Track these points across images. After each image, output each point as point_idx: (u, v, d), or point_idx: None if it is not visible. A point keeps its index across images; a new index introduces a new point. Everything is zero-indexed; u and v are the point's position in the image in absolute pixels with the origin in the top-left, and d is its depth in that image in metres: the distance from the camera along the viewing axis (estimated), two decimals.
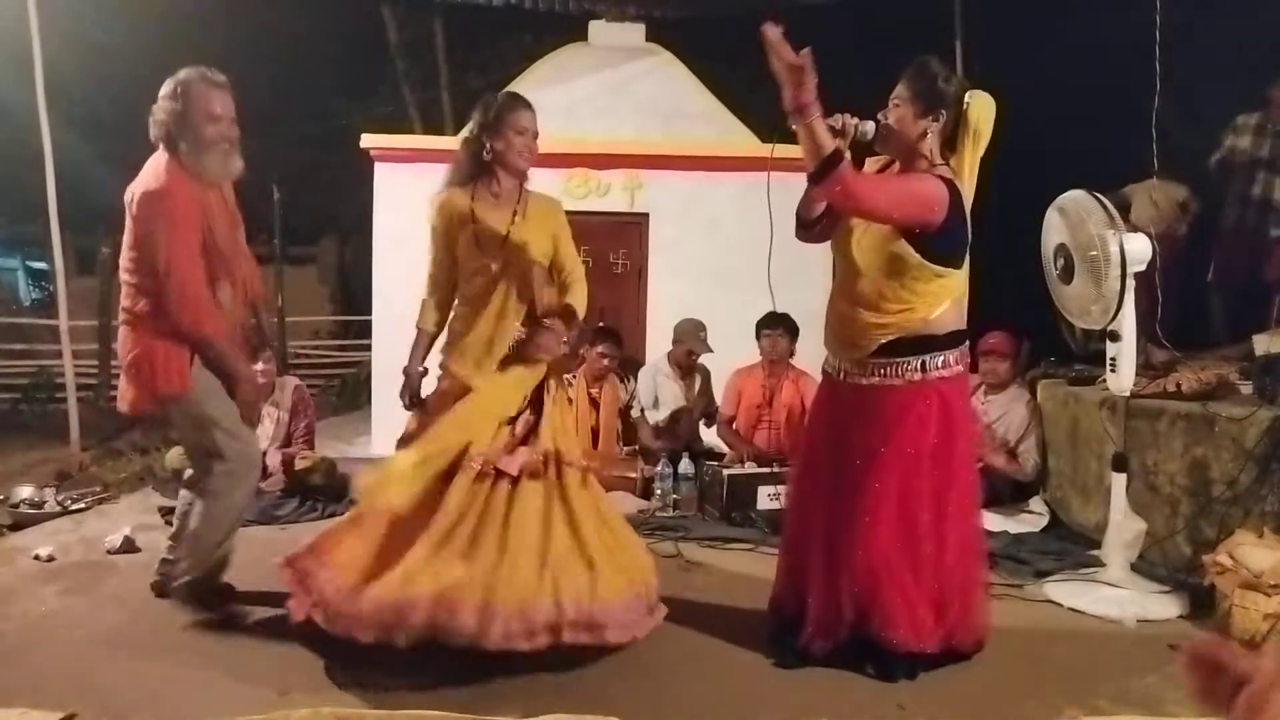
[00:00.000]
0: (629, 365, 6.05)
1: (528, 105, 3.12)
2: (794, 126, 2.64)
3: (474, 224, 3.03)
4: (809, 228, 3.02)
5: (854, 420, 2.90)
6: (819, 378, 3.17)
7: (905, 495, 2.82)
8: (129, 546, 4.02)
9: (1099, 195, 3.54)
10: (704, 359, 5.72)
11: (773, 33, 2.51)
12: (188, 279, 2.98)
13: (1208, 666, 1.03)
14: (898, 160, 2.94)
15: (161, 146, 3.01)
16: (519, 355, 3.03)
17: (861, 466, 2.85)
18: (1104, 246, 3.45)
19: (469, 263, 3.07)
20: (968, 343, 2.97)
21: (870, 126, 2.82)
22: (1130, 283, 3.46)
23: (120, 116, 9.99)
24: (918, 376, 2.84)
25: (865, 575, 2.81)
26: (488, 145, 3.04)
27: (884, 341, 2.85)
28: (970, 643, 2.94)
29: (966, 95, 2.84)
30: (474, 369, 3.02)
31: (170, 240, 2.94)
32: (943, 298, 2.87)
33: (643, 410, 5.69)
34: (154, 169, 2.99)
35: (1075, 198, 3.61)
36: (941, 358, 2.86)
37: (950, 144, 2.87)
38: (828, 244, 3.05)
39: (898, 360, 2.85)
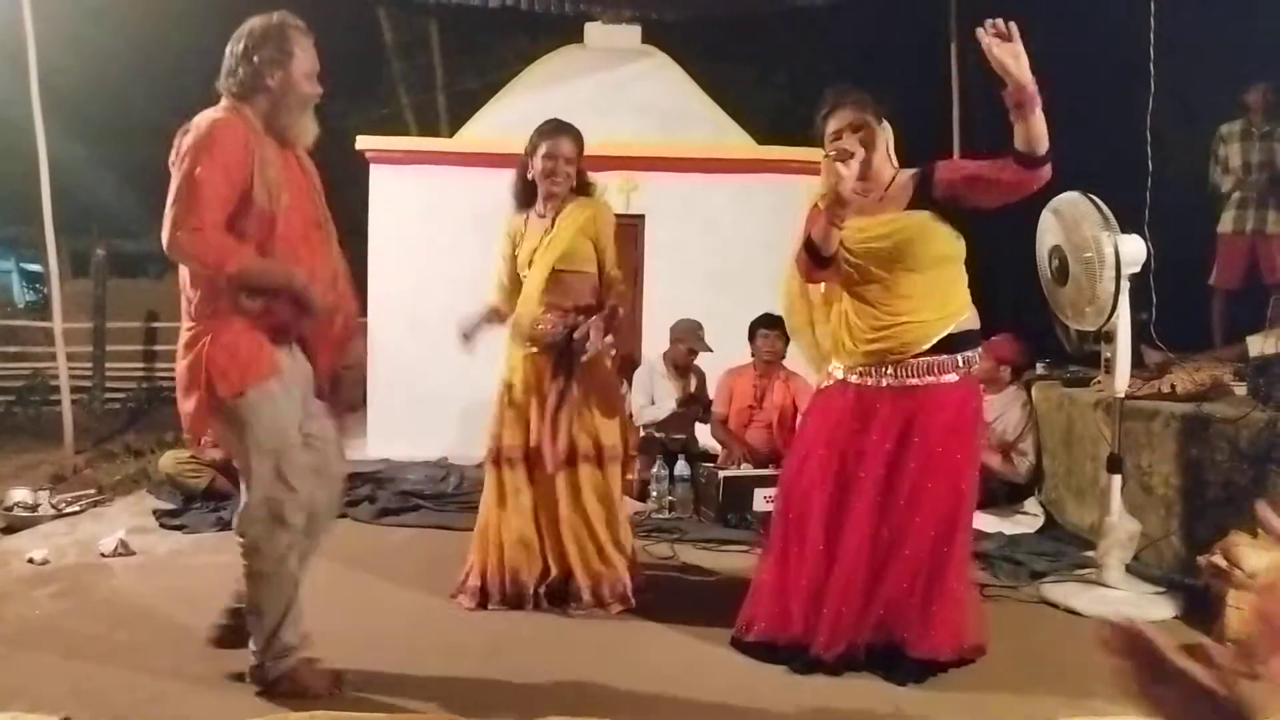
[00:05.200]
0: (624, 367, 6.04)
1: (559, 131, 3.45)
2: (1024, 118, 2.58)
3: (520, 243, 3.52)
4: (824, 265, 2.89)
5: (895, 426, 2.84)
6: (809, 379, 3.16)
7: (947, 498, 2.82)
8: (123, 550, 4.00)
9: (1093, 197, 3.55)
10: (699, 360, 5.72)
11: None
12: (201, 207, 2.38)
13: (1139, 654, 0.96)
14: (871, 182, 2.94)
15: (229, 98, 2.51)
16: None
17: (915, 469, 2.81)
18: (1098, 248, 3.46)
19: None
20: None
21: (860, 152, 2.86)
22: (1125, 284, 3.47)
23: (116, 118, 9.98)
24: (963, 373, 2.86)
25: (912, 582, 2.81)
26: (530, 167, 3.48)
27: (938, 339, 2.82)
28: (974, 647, 2.94)
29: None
30: None
31: (198, 166, 2.38)
32: (965, 287, 2.92)
33: (630, 415, 5.68)
34: (209, 113, 2.48)
35: (1070, 199, 3.62)
36: (974, 353, 2.90)
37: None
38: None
39: (943, 358, 2.84)
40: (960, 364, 2.86)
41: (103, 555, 3.97)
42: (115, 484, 5.40)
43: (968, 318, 2.90)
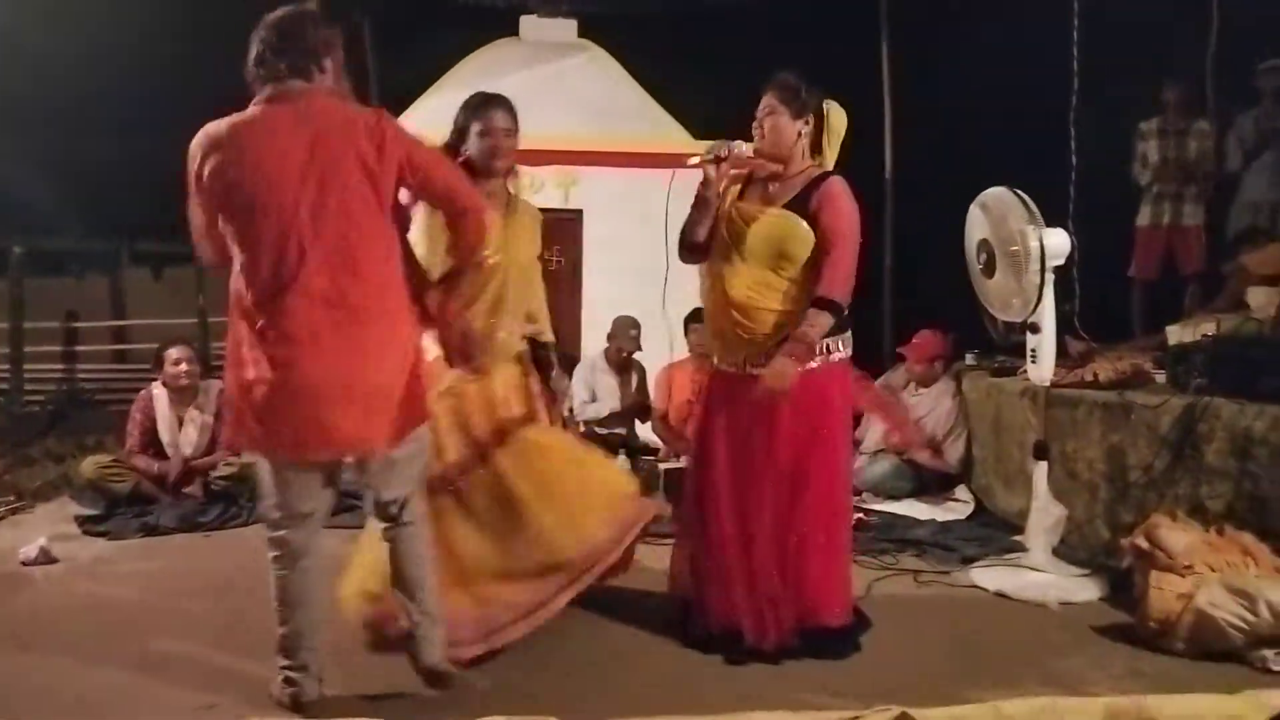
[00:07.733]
0: (565, 363, 6.02)
1: (492, 104, 3.16)
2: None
3: None
4: (695, 250, 3.14)
5: (764, 411, 2.94)
6: None
7: (827, 483, 2.96)
8: (45, 558, 3.88)
9: (1019, 192, 3.64)
10: (641, 356, 5.73)
11: None
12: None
13: None
14: (775, 165, 3.06)
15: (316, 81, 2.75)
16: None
17: (791, 454, 2.94)
18: (1024, 242, 3.55)
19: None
20: (849, 331, 3.06)
21: (746, 147, 3.03)
22: (1050, 276, 3.56)
23: (45, 113, 9.60)
24: (822, 359, 2.96)
25: (805, 561, 2.92)
26: (461, 147, 3.13)
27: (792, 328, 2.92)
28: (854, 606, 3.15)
29: (824, 104, 3.06)
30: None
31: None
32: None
33: (571, 410, 5.67)
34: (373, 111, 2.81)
35: (997, 194, 3.71)
36: (833, 340, 2.98)
37: (815, 147, 3.07)
38: None
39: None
40: (821, 350, 2.95)
41: (23, 563, 3.84)
42: (35, 490, 5.21)
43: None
